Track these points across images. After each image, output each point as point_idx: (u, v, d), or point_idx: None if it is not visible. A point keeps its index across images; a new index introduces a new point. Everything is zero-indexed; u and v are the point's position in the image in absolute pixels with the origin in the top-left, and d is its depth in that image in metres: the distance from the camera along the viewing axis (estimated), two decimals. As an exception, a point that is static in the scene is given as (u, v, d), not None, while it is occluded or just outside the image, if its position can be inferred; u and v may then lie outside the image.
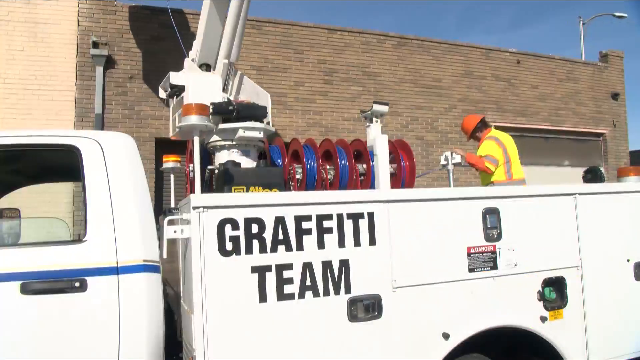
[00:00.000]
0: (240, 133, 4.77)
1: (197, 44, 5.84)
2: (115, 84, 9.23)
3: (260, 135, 4.89)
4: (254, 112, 4.97)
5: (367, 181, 5.41)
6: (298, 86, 10.44)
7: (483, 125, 6.53)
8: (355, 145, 5.62)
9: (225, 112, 4.80)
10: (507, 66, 12.74)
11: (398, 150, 5.55)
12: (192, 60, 5.82)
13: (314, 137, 9.86)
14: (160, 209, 7.08)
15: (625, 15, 23.62)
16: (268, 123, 5.34)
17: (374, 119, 4.57)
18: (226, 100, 5.07)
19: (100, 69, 9.11)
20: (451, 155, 5.71)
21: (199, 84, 5.21)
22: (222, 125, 4.81)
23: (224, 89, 5.71)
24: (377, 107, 4.52)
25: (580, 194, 4.20)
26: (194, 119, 3.48)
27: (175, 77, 5.30)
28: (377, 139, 4.28)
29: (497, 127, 12.32)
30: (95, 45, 9.14)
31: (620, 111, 14.36)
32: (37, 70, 8.93)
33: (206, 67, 5.74)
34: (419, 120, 11.48)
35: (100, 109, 9.03)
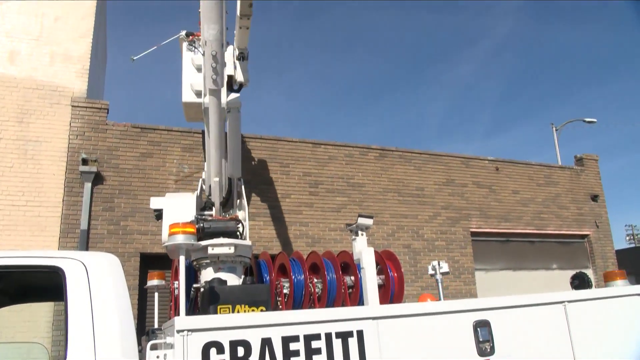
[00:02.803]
0: (210, 250, 4.78)
1: (205, 165, 6.11)
2: (102, 199, 9.30)
3: (231, 250, 4.88)
4: (223, 228, 5.01)
5: (356, 294, 5.34)
6: (284, 198, 10.60)
7: None
8: (342, 257, 5.61)
9: None
10: (486, 173, 13.12)
11: (385, 261, 5.55)
12: (203, 180, 6.02)
13: (301, 248, 9.86)
14: (143, 328, 6.87)
15: (595, 120, 24.89)
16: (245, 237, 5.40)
17: (360, 232, 4.61)
18: (194, 218, 5.15)
19: (88, 185, 9.21)
20: (438, 264, 5.71)
21: (173, 207, 5.35)
22: None
23: (232, 204, 5.88)
24: (362, 221, 4.59)
25: (569, 301, 4.19)
26: (179, 238, 3.50)
27: (154, 202, 5.46)
28: (364, 253, 4.30)
29: (482, 234, 12.57)
30: (85, 162, 9.31)
31: (602, 212, 14.64)
32: (25, 186, 9.01)
33: None
34: (405, 229, 11.57)
35: (86, 224, 9.01)
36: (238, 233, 5.33)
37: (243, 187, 6.52)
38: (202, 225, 4.92)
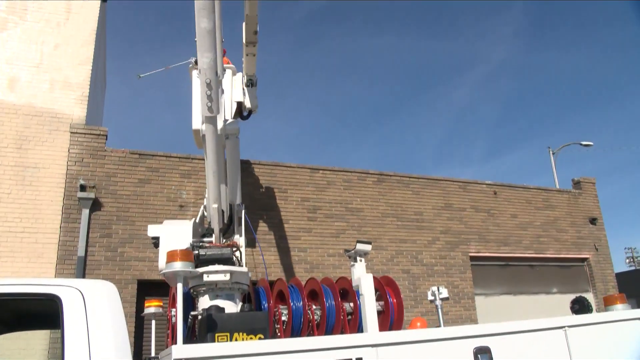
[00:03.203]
0: (205, 277, 4.76)
1: (206, 191, 6.16)
2: (100, 225, 9.26)
3: (226, 277, 4.86)
4: (218, 255, 5.01)
5: (355, 320, 5.29)
6: (283, 224, 10.57)
7: None
8: (340, 283, 5.58)
9: None
10: (485, 197, 13.12)
11: (384, 287, 5.51)
12: (205, 207, 6.04)
13: (299, 273, 9.80)
14: (140, 357, 6.79)
15: (591, 143, 25.01)
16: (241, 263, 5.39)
17: (358, 258, 4.60)
18: (190, 245, 5.15)
19: (86, 212, 9.18)
20: (438, 290, 5.67)
21: (170, 234, 5.35)
22: None
23: (234, 230, 5.88)
24: (360, 247, 4.57)
25: (569, 326, 4.17)
26: (177, 266, 3.49)
27: (151, 230, 5.48)
28: (363, 279, 4.28)
29: (481, 258, 12.52)
30: (83, 188, 9.30)
31: (601, 235, 14.60)
32: (23, 213, 8.98)
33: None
34: (404, 254, 11.52)
35: (83, 251, 8.96)
36: (235, 260, 5.30)
37: (244, 212, 6.51)
38: (197, 252, 4.91)
